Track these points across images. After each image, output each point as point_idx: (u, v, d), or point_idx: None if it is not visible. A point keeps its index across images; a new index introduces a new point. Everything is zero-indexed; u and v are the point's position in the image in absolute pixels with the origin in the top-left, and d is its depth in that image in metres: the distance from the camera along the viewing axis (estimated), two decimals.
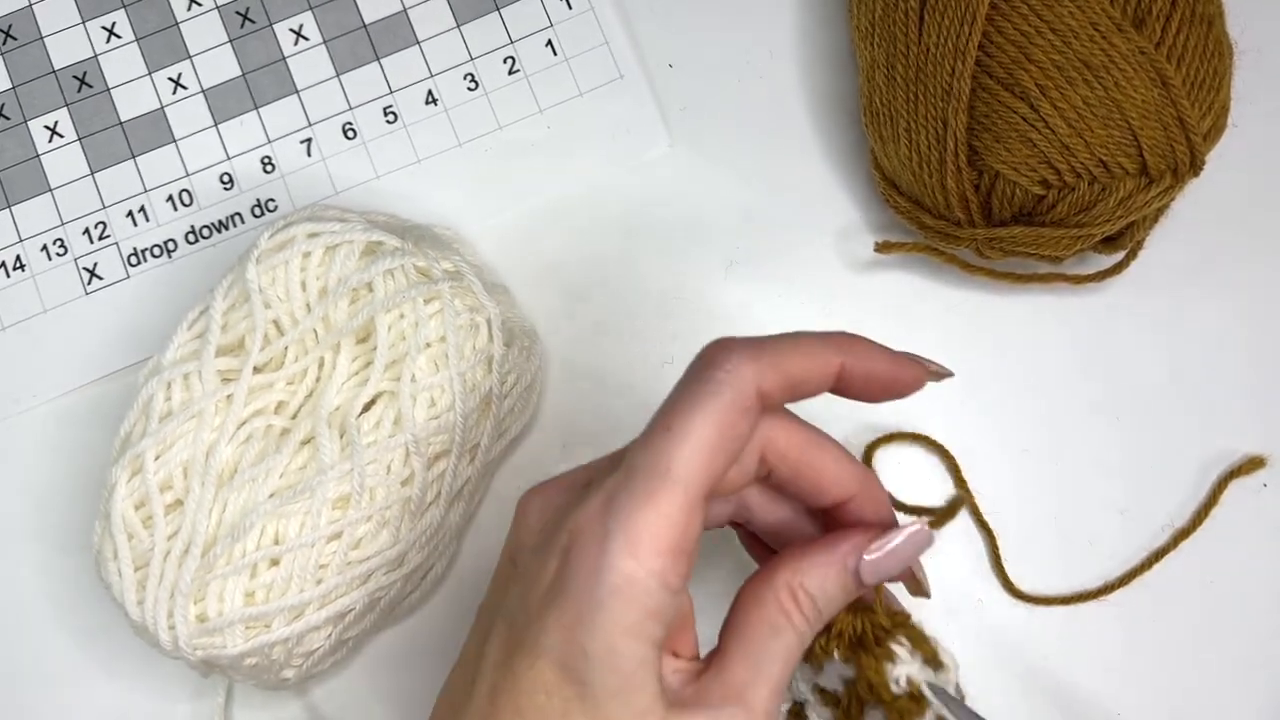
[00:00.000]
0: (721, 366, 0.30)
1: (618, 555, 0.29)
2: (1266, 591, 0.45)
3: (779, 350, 0.31)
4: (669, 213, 0.49)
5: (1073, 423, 0.46)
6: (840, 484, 0.33)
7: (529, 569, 0.31)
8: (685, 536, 0.30)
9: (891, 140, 0.44)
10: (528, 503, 0.33)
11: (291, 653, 0.40)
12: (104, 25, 0.50)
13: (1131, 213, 0.42)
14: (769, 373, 0.31)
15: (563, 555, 0.30)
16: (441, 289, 0.41)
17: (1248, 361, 0.47)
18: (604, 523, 0.29)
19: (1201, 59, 0.41)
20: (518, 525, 0.33)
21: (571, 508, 0.31)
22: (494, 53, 0.50)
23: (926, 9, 0.42)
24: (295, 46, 0.50)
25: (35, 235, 0.48)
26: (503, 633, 0.31)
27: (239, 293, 0.41)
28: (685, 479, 0.29)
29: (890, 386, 0.33)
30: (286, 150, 0.49)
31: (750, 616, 0.32)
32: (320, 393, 0.41)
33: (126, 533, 0.39)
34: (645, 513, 0.29)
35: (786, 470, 0.33)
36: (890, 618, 0.33)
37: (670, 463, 0.29)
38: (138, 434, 0.40)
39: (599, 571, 0.29)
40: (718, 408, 0.30)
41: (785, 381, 0.31)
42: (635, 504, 0.29)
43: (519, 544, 0.32)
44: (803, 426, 0.34)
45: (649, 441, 0.30)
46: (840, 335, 0.33)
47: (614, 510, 0.29)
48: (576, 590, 0.29)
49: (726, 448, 0.30)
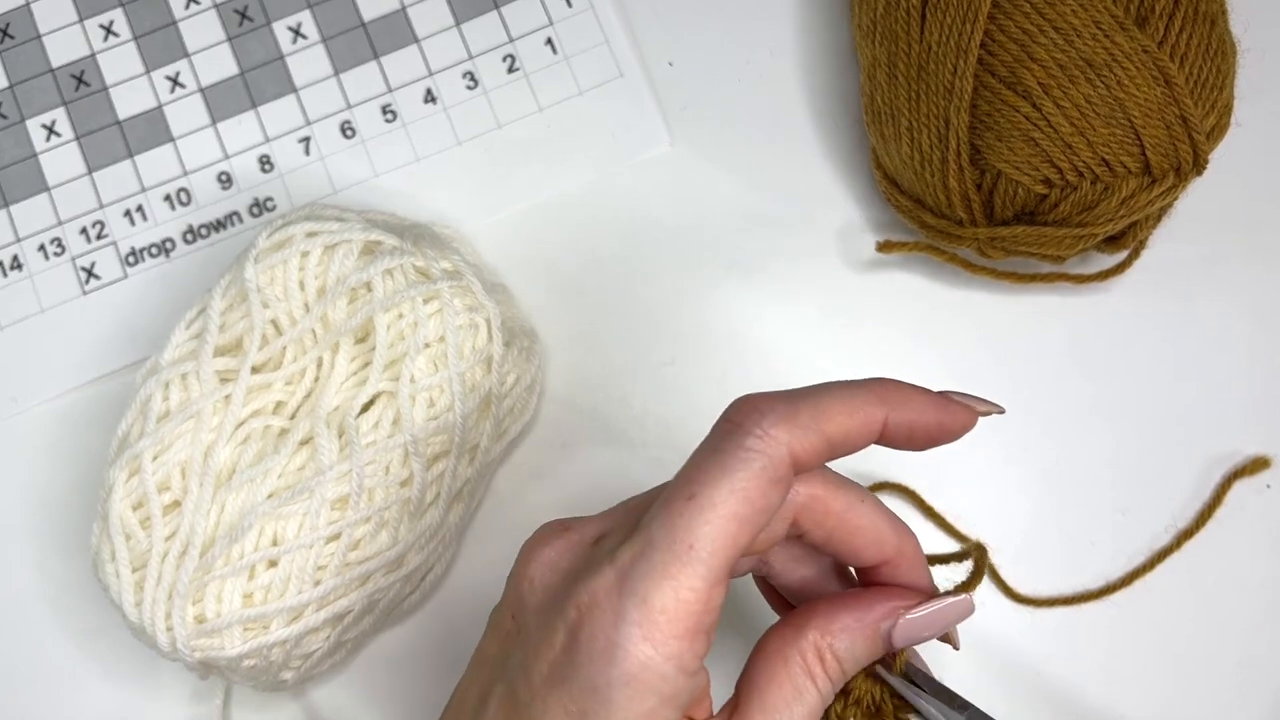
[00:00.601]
0: (752, 432, 0.28)
1: (632, 640, 0.27)
2: (1269, 592, 0.45)
3: (816, 410, 0.29)
4: (669, 212, 0.48)
5: (1075, 423, 0.46)
6: (878, 547, 0.32)
7: (532, 635, 0.29)
8: (705, 615, 0.28)
9: (893, 139, 0.44)
10: (532, 554, 0.31)
11: (290, 654, 0.40)
12: (102, 24, 0.50)
13: (1134, 212, 0.42)
14: (806, 438, 0.28)
15: (571, 631, 0.28)
16: (441, 288, 0.41)
17: (1251, 361, 0.47)
18: (618, 601, 0.27)
19: (1204, 58, 0.41)
20: (520, 577, 0.31)
21: (582, 575, 0.28)
22: (493, 51, 0.50)
23: (928, 7, 0.42)
24: (294, 45, 0.50)
25: (32, 235, 0.48)
26: (503, 696, 0.29)
27: (237, 292, 0.41)
28: (708, 556, 0.27)
29: (936, 435, 0.31)
30: (285, 149, 0.49)
31: (774, 675, 0.30)
32: (319, 393, 0.41)
33: (124, 534, 0.39)
34: (664, 592, 0.27)
35: (821, 534, 0.31)
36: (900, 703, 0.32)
37: (693, 539, 0.27)
38: (135, 434, 0.40)
39: (611, 657, 0.27)
40: (747, 478, 0.28)
41: (823, 445, 0.29)
42: (653, 583, 0.27)
43: (521, 600, 0.30)
44: (841, 487, 0.31)
45: (670, 511, 0.28)
46: (879, 384, 0.30)
47: (630, 589, 0.27)
48: (586, 675, 0.27)
49: (755, 520, 0.28)
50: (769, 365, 0.47)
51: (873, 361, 0.47)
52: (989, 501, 0.45)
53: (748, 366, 0.47)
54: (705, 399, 0.46)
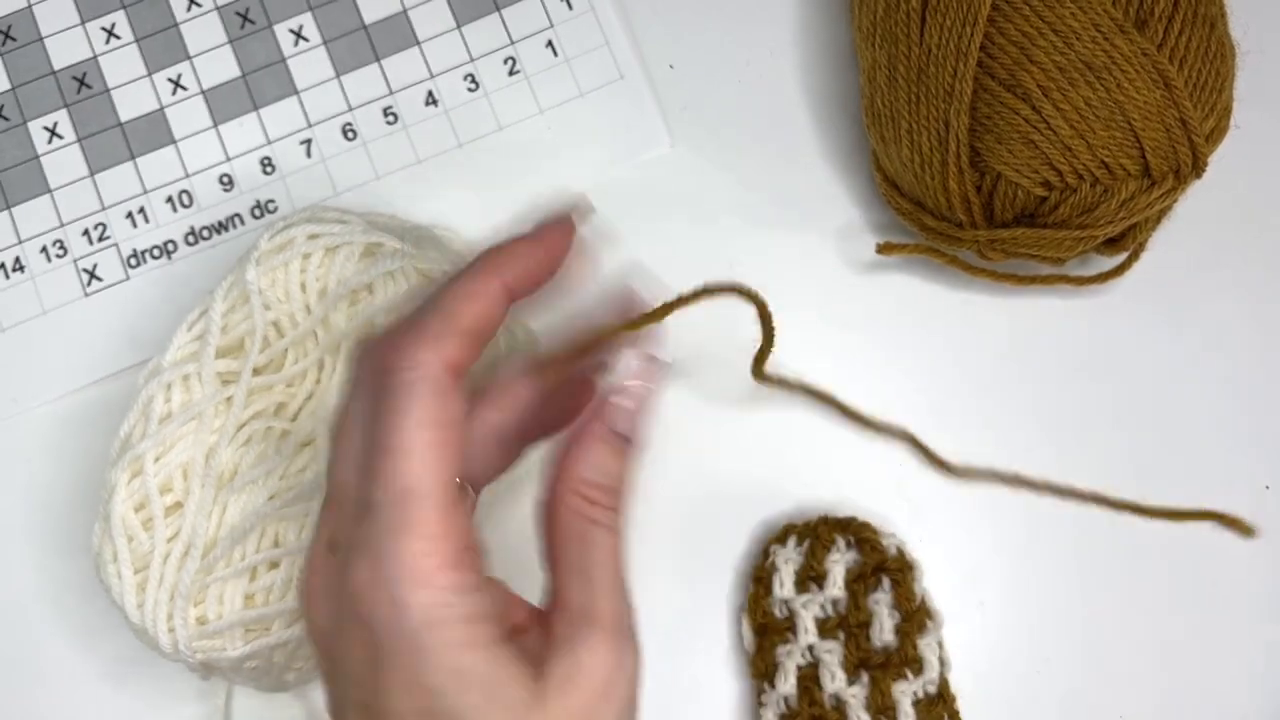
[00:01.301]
0: (401, 366, 0.29)
1: (408, 595, 0.28)
2: (1270, 593, 0.45)
3: (442, 316, 0.30)
4: (669, 213, 0.48)
5: (1074, 424, 0.46)
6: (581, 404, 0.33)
7: (338, 655, 0.30)
8: (459, 538, 0.29)
9: (893, 141, 0.44)
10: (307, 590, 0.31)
11: (292, 655, 0.40)
12: (103, 26, 0.50)
13: (1134, 214, 0.42)
14: (449, 345, 0.30)
15: (361, 624, 0.29)
16: None
17: (1251, 362, 0.47)
18: (378, 574, 0.28)
19: (1204, 60, 0.41)
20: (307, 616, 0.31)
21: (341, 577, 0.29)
22: (494, 53, 0.50)
23: (928, 10, 0.42)
24: (295, 47, 0.50)
25: (34, 237, 0.48)
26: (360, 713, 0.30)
27: (239, 294, 0.41)
28: (429, 491, 0.28)
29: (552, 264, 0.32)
30: (286, 151, 0.49)
31: (562, 540, 0.31)
32: (320, 395, 0.41)
33: (126, 535, 0.39)
34: (409, 543, 0.28)
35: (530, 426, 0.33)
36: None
37: (406, 482, 0.28)
38: (137, 436, 0.40)
39: (400, 620, 0.28)
40: (422, 407, 0.29)
41: (467, 341, 0.30)
42: (396, 540, 0.28)
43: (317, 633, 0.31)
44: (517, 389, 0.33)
45: (375, 470, 0.29)
46: (484, 257, 0.32)
47: (380, 556, 0.28)
48: (392, 647, 0.28)
49: (452, 440, 0.29)
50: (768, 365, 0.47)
51: (873, 361, 0.47)
52: (988, 501, 0.45)
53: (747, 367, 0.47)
54: (705, 398, 0.47)
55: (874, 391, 0.40)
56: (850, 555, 0.43)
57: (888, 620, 0.42)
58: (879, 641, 0.42)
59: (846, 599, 0.42)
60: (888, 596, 0.42)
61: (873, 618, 0.42)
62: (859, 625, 0.42)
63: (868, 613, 0.42)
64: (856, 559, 0.43)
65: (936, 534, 0.45)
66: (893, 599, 0.42)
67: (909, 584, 0.42)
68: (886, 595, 0.42)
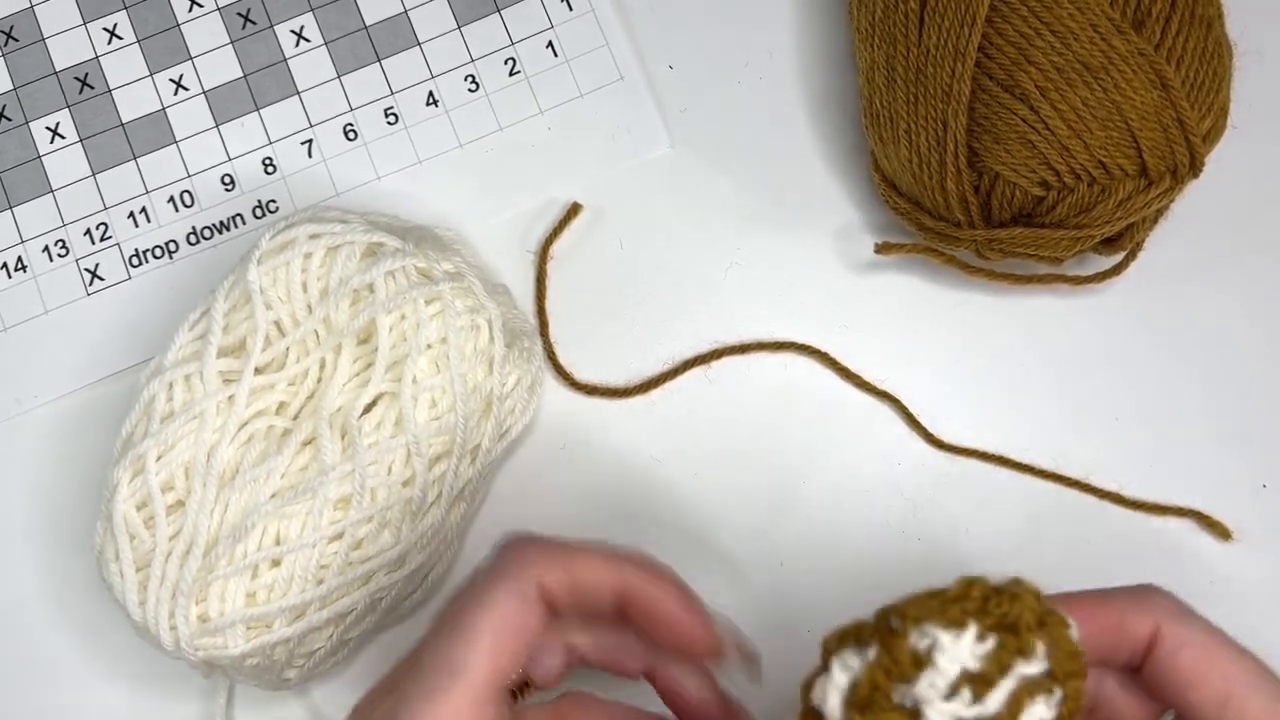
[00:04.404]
0: (509, 560, 0.32)
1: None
2: (1270, 593, 0.45)
3: (570, 554, 0.33)
4: (669, 214, 0.49)
5: (1072, 422, 0.46)
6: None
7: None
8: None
9: (891, 142, 0.44)
10: (357, 709, 0.33)
11: (293, 653, 0.40)
12: (105, 26, 0.50)
13: (1131, 214, 0.42)
14: (553, 571, 0.32)
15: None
16: (442, 290, 0.41)
17: (1248, 362, 0.47)
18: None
19: (1201, 60, 0.41)
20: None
21: (373, 711, 0.32)
22: (495, 54, 0.50)
23: (926, 10, 0.42)
24: (296, 48, 0.50)
25: (37, 236, 0.48)
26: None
27: (240, 294, 0.42)
28: (471, 673, 0.30)
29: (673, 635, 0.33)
30: (288, 151, 0.49)
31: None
32: (321, 394, 0.41)
33: (128, 533, 0.39)
34: (435, 709, 0.30)
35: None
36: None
37: (454, 658, 0.31)
38: (139, 435, 0.40)
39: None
40: (500, 600, 0.31)
41: (569, 580, 0.32)
42: (421, 703, 0.30)
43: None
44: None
45: (436, 638, 0.32)
46: (635, 558, 0.34)
47: (405, 712, 0.30)
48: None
49: (512, 641, 0.31)
50: (768, 364, 0.47)
51: (872, 362, 0.47)
52: (988, 500, 0.46)
53: (746, 367, 0.47)
54: (704, 399, 0.47)
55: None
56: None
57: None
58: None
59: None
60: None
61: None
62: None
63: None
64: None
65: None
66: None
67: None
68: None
